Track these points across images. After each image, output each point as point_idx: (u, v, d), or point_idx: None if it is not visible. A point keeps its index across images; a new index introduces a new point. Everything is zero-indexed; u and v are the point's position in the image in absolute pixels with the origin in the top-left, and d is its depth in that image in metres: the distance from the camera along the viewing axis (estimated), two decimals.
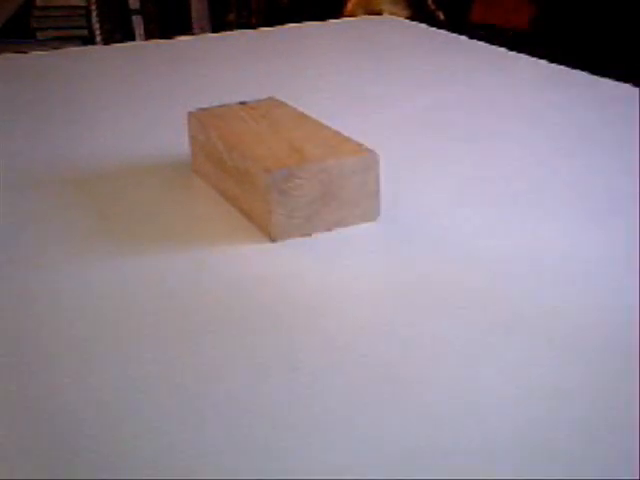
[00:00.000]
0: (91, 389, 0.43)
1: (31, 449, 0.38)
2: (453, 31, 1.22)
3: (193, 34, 3.04)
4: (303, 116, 0.67)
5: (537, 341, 0.45)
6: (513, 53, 1.07)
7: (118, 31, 3.24)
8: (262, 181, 0.57)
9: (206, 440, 0.39)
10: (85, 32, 3.15)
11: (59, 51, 1.23)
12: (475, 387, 0.42)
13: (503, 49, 1.09)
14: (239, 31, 1.31)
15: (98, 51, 1.22)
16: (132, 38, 3.17)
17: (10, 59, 1.18)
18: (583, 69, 0.96)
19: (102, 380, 0.43)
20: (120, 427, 0.40)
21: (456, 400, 0.41)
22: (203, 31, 3.17)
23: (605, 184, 0.65)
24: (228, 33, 1.31)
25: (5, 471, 0.37)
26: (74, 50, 1.23)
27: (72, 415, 0.41)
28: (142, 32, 3.24)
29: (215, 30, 3.14)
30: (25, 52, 1.22)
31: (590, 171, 0.67)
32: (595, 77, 0.93)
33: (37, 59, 1.16)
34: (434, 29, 1.25)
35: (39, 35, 3.12)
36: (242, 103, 0.71)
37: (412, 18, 1.53)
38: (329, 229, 0.59)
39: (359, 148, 0.60)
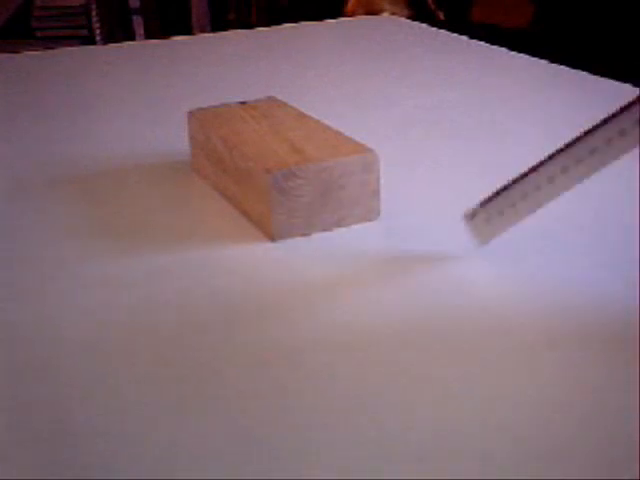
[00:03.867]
0: (91, 389, 0.43)
1: (31, 450, 0.38)
2: (453, 31, 1.22)
3: (193, 34, 3.04)
4: (303, 116, 0.67)
5: (537, 342, 0.45)
6: (513, 53, 1.07)
7: (118, 31, 3.24)
8: (262, 181, 0.57)
9: (206, 438, 0.39)
10: (85, 32, 3.16)
11: (59, 51, 1.23)
12: (476, 387, 0.42)
13: (503, 49, 1.09)
14: (239, 31, 1.31)
15: (98, 51, 1.22)
16: (132, 38, 3.17)
17: (9, 59, 1.18)
18: (583, 69, 0.96)
19: (102, 380, 0.43)
20: (121, 427, 0.40)
21: (457, 401, 0.41)
22: (203, 31, 3.17)
23: (603, 183, 0.65)
24: (228, 33, 1.31)
25: (5, 471, 0.37)
26: (74, 50, 1.23)
27: (72, 416, 0.41)
28: (142, 32, 3.24)
29: (215, 30, 3.14)
30: (24, 52, 1.22)
31: None
32: (595, 77, 0.93)
33: (37, 59, 1.16)
34: (434, 29, 1.25)
35: (39, 35, 3.13)
36: (242, 103, 0.71)
37: (412, 18, 1.53)
38: (329, 229, 0.59)
39: (359, 148, 0.60)
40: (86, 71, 1.08)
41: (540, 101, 0.86)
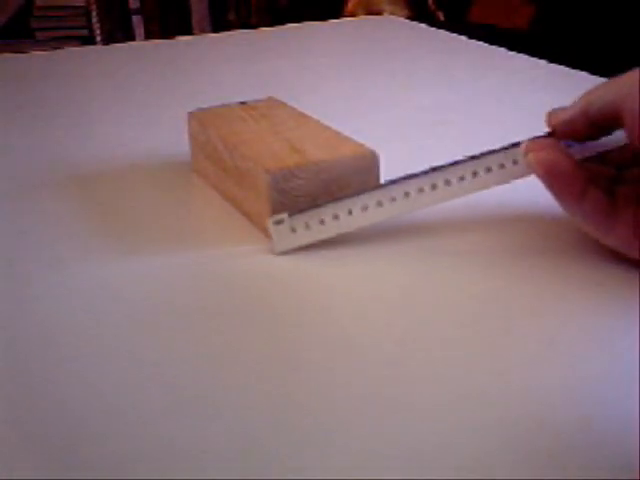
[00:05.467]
0: (91, 389, 0.43)
1: (31, 450, 0.38)
2: (453, 31, 1.22)
3: (193, 34, 3.04)
4: (303, 116, 0.67)
5: (538, 336, 0.45)
6: (513, 53, 1.07)
7: (118, 31, 3.24)
8: (262, 181, 0.57)
9: (205, 440, 0.39)
10: (85, 32, 3.16)
11: (59, 51, 1.23)
12: (476, 386, 0.42)
13: (503, 49, 1.09)
14: (239, 31, 1.31)
15: (98, 51, 1.22)
16: (132, 38, 3.18)
17: (10, 59, 1.18)
18: (583, 69, 0.96)
19: (102, 380, 0.43)
20: (121, 429, 0.40)
21: (458, 402, 0.41)
22: (203, 31, 3.17)
23: None
24: (228, 33, 1.31)
25: (5, 471, 0.37)
26: (74, 50, 1.23)
27: (74, 417, 0.41)
28: (142, 32, 3.24)
29: (215, 30, 3.14)
30: (25, 52, 1.22)
31: None
32: (595, 77, 0.93)
33: (37, 59, 1.16)
34: (434, 29, 1.25)
35: (39, 35, 3.13)
36: (242, 103, 0.71)
37: (412, 18, 1.53)
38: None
39: (359, 148, 0.59)
40: (86, 71, 1.08)
41: (540, 101, 0.86)
